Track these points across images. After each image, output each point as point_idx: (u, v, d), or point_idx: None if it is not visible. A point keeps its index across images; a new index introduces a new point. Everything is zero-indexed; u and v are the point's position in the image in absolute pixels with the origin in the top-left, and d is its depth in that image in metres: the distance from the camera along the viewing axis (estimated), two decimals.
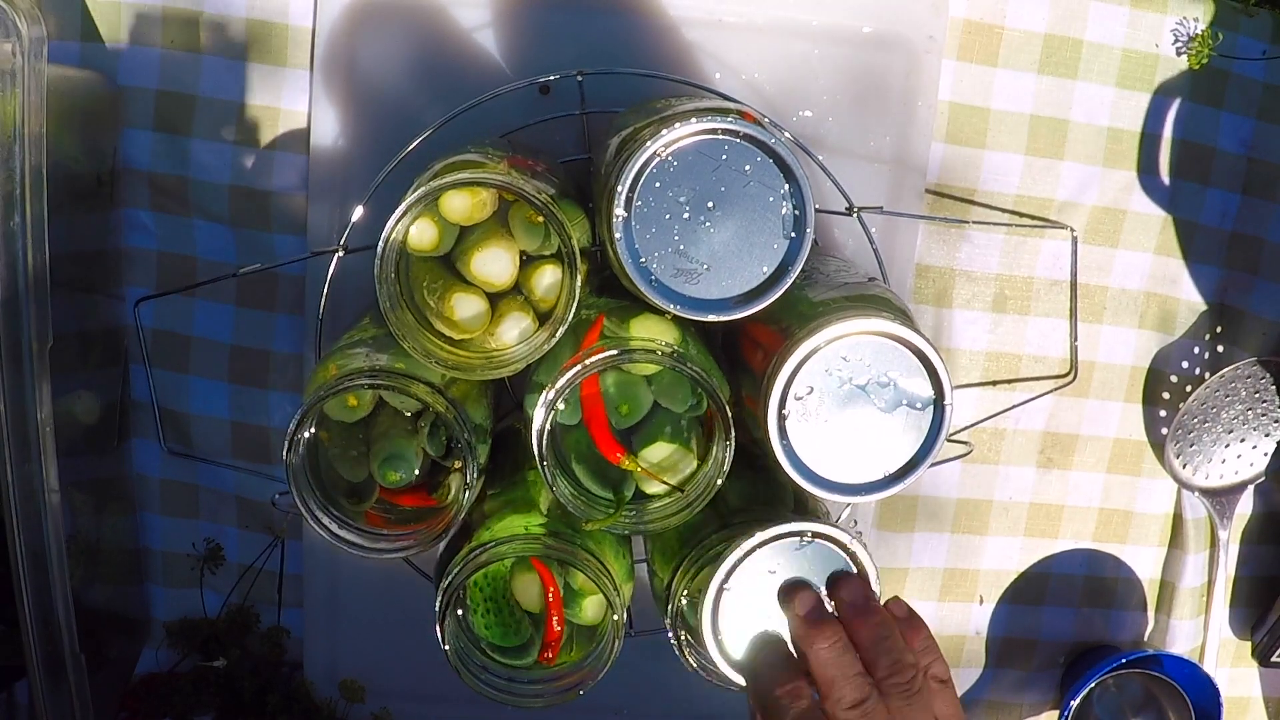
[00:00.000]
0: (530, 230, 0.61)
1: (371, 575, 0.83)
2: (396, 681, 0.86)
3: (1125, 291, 0.85)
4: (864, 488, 0.61)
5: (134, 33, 0.75)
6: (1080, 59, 0.80)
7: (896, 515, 0.86)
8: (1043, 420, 0.86)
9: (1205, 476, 0.88)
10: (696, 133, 0.57)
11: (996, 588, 0.89)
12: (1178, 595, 0.89)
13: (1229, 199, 0.84)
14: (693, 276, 0.59)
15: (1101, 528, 0.89)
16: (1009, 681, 0.91)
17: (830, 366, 0.59)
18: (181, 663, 0.86)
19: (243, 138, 0.77)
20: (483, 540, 0.63)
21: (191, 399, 0.81)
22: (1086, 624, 0.90)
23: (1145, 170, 0.83)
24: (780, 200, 0.58)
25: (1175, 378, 0.87)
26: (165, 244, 0.79)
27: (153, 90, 0.76)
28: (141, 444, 0.82)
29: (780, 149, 0.58)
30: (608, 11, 0.76)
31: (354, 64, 0.76)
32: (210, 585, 0.85)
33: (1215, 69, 0.81)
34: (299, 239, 0.78)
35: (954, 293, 0.83)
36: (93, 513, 0.78)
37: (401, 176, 0.64)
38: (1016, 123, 0.80)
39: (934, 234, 0.82)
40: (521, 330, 0.61)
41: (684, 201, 0.58)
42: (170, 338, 0.80)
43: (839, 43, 0.77)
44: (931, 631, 0.61)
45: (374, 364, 0.61)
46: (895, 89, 0.78)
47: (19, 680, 0.75)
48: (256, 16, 0.75)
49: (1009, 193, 0.81)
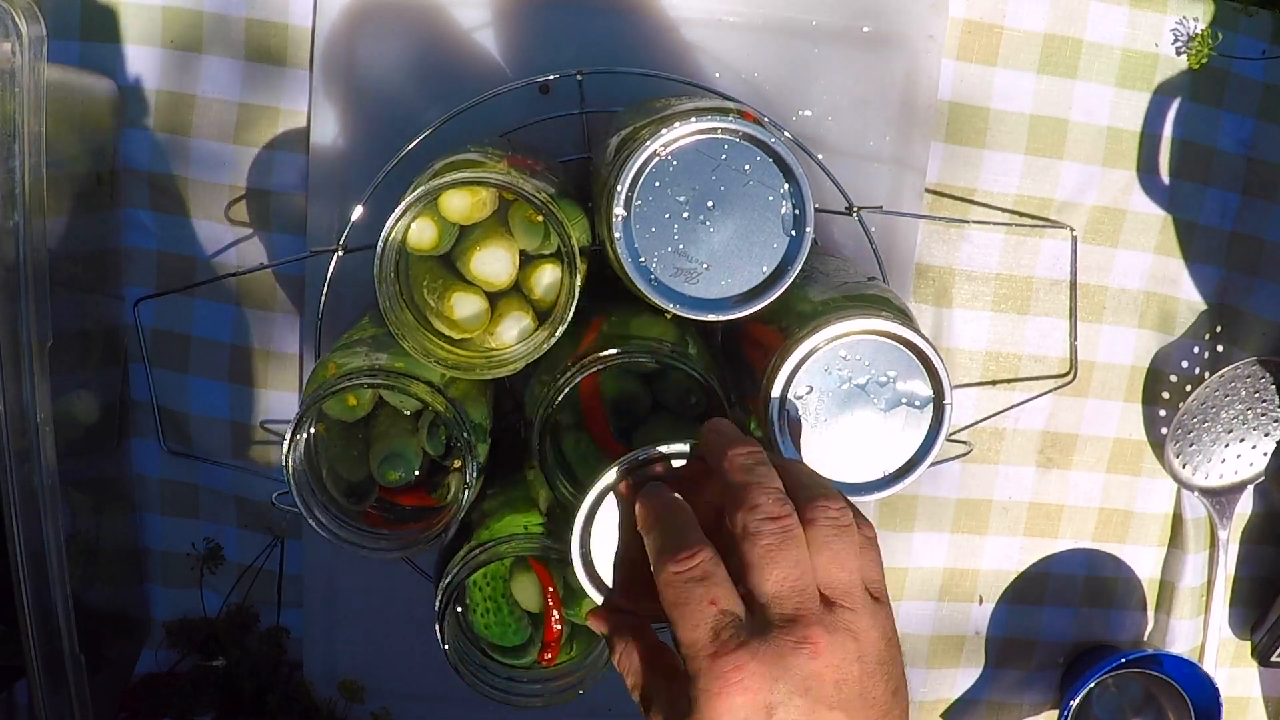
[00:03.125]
0: (530, 229, 0.61)
1: (371, 575, 0.83)
2: (396, 681, 0.86)
3: (1125, 291, 0.85)
4: (864, 487, 0.61)
5: (134, 33, 0.75)
6: (1080, 59, 0.80)
7: (896, 515, 0.86)
8: (1042, 420, 0.86)
9: (1205, 476, 0.88)
10: (696, 132, 0.57)
11: (996, 588, 0.88)
12: (1177, 595, 0.89)
13: (1229, 199, 0.84)
14: (692, 276, 0.59)
15: (1101, 527, 0.89)
16: (1009, 681, 0.91)
17: (830, 366, 0.59)
18: (181, 663, 0.86)
19: (242, 138, 0.77)
20: (482, 540, 0.63)
21: (191, 399, 0.81)
22: (1086, 624, 0.90)
23: (1145, 170, 0.83)
24: (780, 200, 0.59)
25: (1175, 377, 0.87)
26: (165, 244, 0.79)
27: (153, 90, 0.76)
28: (141, 444, 0.82)
29: (780, 148, 0.58)
30: (608, 11, 0.76)
31: (354, 64, 0.76)
32: (210, 585, 0.85)
33: (1215, 69, 0.81)
34: (299, 238, 0.78)
35: (954, 292, 0.83)
36: (92, 513, 0.78)
37: (401, 176, 0.64)
38: (1016, 122, 0.80)
39: (934, 233, 0.82)
40: (521, 329, 0.61)
41: (684, 201, 0.58)
42: (170, 337, 0.80)
43: (839, 43, 0.77)
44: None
45: (374, 363, 0.61)
46: (895, 89, 0.78)
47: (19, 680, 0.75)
48: (256, 16, 0.75)
49: (1009, 192, 0.81)
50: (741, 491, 0.49)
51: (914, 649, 0.89)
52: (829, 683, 0.47)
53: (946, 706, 0.91)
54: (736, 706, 0.46)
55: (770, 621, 0.47)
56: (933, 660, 0.89)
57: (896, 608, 0.86)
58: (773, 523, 0.48)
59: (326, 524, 0.63)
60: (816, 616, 0.47)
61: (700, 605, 0.48)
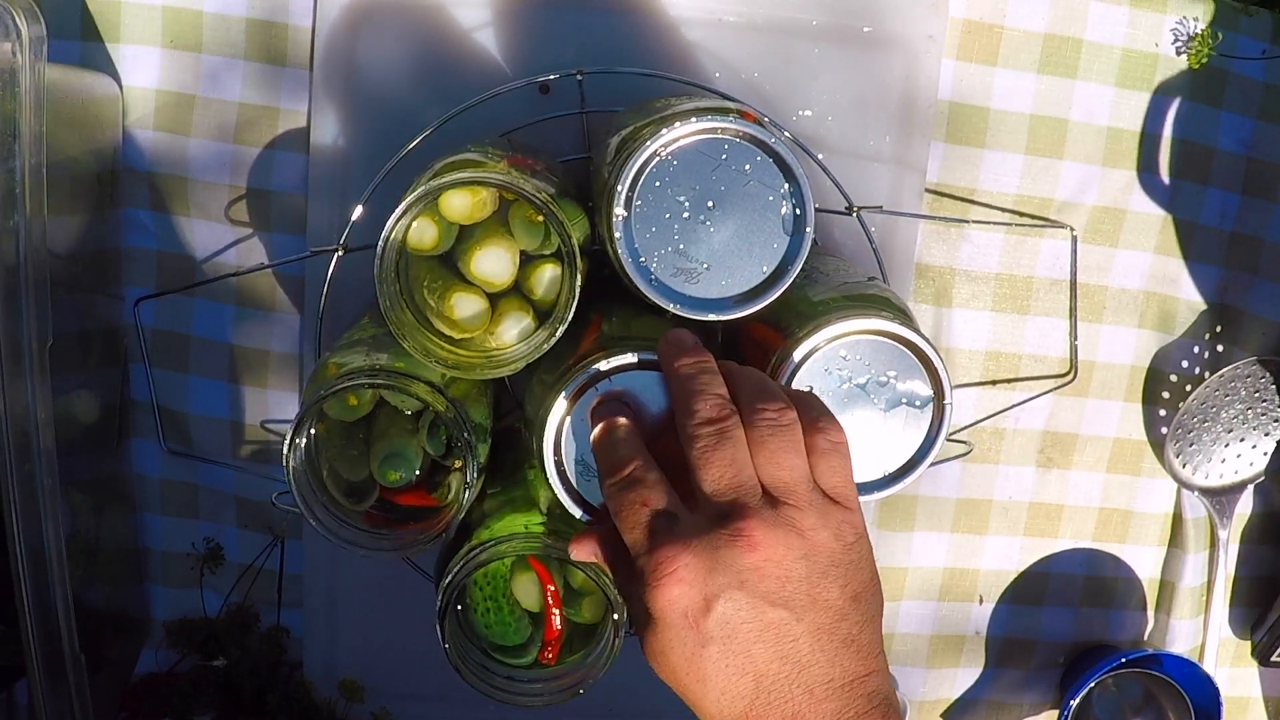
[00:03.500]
0: (530, 229, 0.61)
1: (371, 575, 0.83)
2: (396, 681, 0.86)
3: (1125, 291, 0.85)
4: (864, 487, 0.61)
5: (134, 33, 0.75)
6: (1080, 59, 0.80)
7: (896, 515, 0.86)
8: (1042, 420, 0.86)
9: (1205, 476, 0.88)
10: (696, 132, 0.57)
11: (996, 587, 0.88)
12: (1177, 595, 0.89)
13: (1229, 199, 0.84)
14: (692, 276, 0.59)
15: (1101, 527, 0.89)
16: (1009, 681, 0.91)
17: (830, 366, 0.59)
18: (181, 662, 0.86)
19: (242, 138, 0.77)
20: (482, 539, 0.63)
21: (191, 399, 0.81)
22: (1086, 624, 0.90)
23: (1145, 170, 0.83)
24: (780, 200, 0.59)
25: (1175, 377, 0.87)
26: (165, 244, 0.79)
27: (153, 90, 0.76)
28: (141, 444, 0.82)
29: (780, 148, 0.58)
30: (608, 11, 0.76)
31: (354, 64, 0.76)
32: (210, 585, 0.85)
33: (1215, 69, 0.81)
34: (298, 238, 0.78)
35: (954, 292, 0.83)
36: (92, 513, 0.78)
37: (401, 176, 0.64)
38: (1016, 122, 0.80)
39: (934, 233, 0.82)
40: (521, 329, 0.61)
41: (684, 201, 0.58)
42: (170, 337, 0.80)
43: (839, 42, 0.77)
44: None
45: (374, 363, 0.61)
46: (895, 88, 0.78)
47: (19, 680, 0.75)
48: (256, 16, 0.75)
49: (1009, 192, 0.81)
50: (684, 398, 0.51)
51: (914, 649, 0.89)
52: (770, 578, 0.47)
53: (946, 706, 0.91)
54: (675, 598, 0.47)
55: (707, 516, 0.49)
56: (933, 660, 0.89)
57: (897, 608, 0.87)
58: (709, 425, 0.50)
59: (327, 524, 0.63)
60: (754, 511, 0.48)
61: (634, 509, 0.50)
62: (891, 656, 0.88)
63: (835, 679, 0.48)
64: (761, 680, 0.47)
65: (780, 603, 0.47)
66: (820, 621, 0.48)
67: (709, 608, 0.47)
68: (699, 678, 0.48)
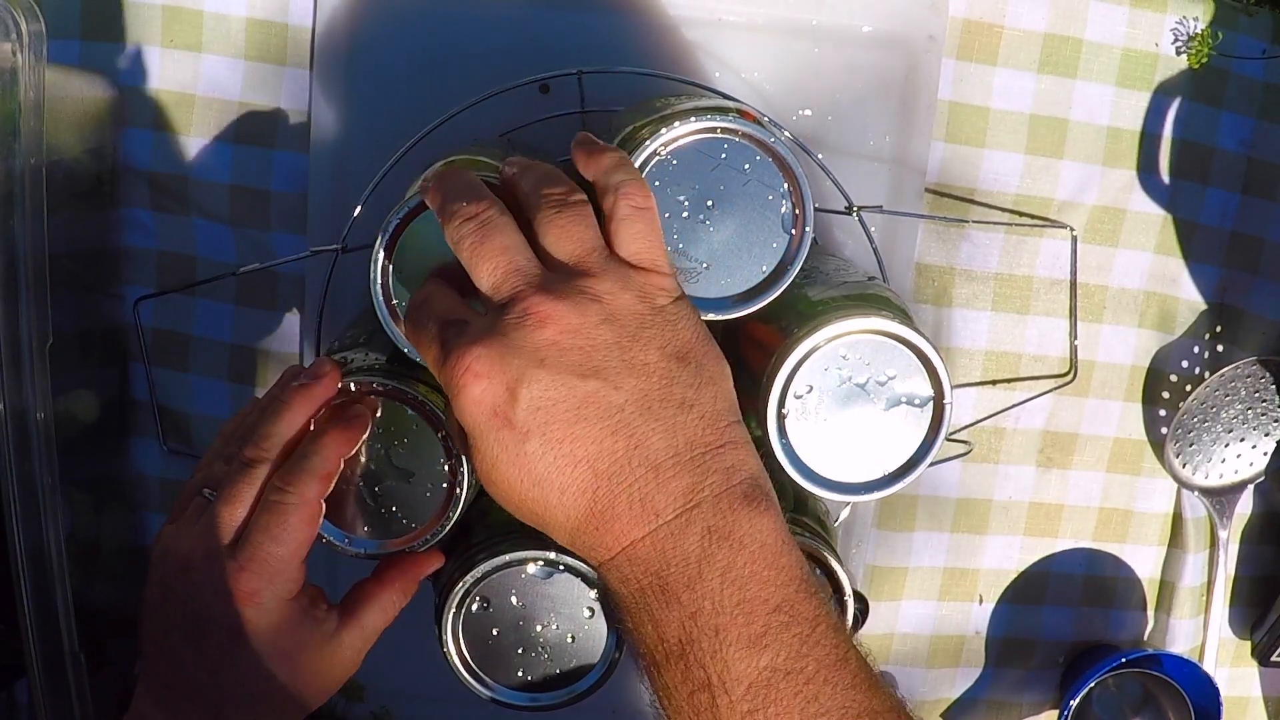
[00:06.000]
0: None
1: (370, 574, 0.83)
2: (396, 681, 0.86)
3: (1125, 291, 0.85)
4: (863, 486, 0.61)
5: (134, 32, 0.75)
6: (1080, 58, 0.80)
7: (896, 514, 0.86)
8: (1042, 419, 0.86)
9: (1205, 476, 0.88)
10: (696, 131, 0.57)
11: (996, 587, 0.88)
12: (1177, 595, 0.89)
13: (1229, 198, 0.84)
14: (692, 275, 0.59)
15: (1101, 527, 0.89)
16: (1009, 681, 0.91)
17: (830, 365, 0.59)
18: None
19: (243, 137, 0.77)
20: (481, 538, 0.63)
21: (191, 398, 0.81)
22: (1086, 623, 0.90)
23: (1145, 170, 0.83)
24: (780, 199, 0.59)
25: (1175, 377, 0.87)
26: (165, 243, 0.79)
27: (153, 90, 0.76)
28: (141, 443, 0.82)
29: (779, 148, 0.58)
30: (608, 11, 0.76)
31: (354, 63, 0.76)
32: None
33: (1215, 68, 0.81)
34: (299, 238, 0.78)
35: (954, 292, 0.83)
36: (92, 512, 0.78)
37: (401, 175, 0.64)
38: (1016, 122, 0.80)
39: (934, 233, 0.82)
40: None
41: (683, 200, 0.58)
42: (170, 337, 0.80)
43: (839, 42, 0.77)
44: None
45: (373, 363, 0.61)
46: (895, 89, 0.78)
47: (19, 680, 0.75)
48: (256, 16, 0.75)
49: (1009, 192, 0.81)
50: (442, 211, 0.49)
51: (914, 649, 0.89)
52: (572, 349, 0.45)
53: (946, 706, 0.91)
54: (477, 396, 0.45)
55: (492, 311, 0.47)
56: (933, 660, 0.89)
57: (896, 607, 0.87)
58: (468, 222, 0.48)
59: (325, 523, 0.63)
60: (535, 288, 0.46)
61: (425, 327, 0.49)
62: (891, 656, 0.88)
63: (680, 451, 0.45)
64: (597, 465, 0.44)
65: (590, 373, 0.45)
66: (643, 387, 0.45)
67: (514, 396, 0.45)
68: (533, 480, 0.45)
